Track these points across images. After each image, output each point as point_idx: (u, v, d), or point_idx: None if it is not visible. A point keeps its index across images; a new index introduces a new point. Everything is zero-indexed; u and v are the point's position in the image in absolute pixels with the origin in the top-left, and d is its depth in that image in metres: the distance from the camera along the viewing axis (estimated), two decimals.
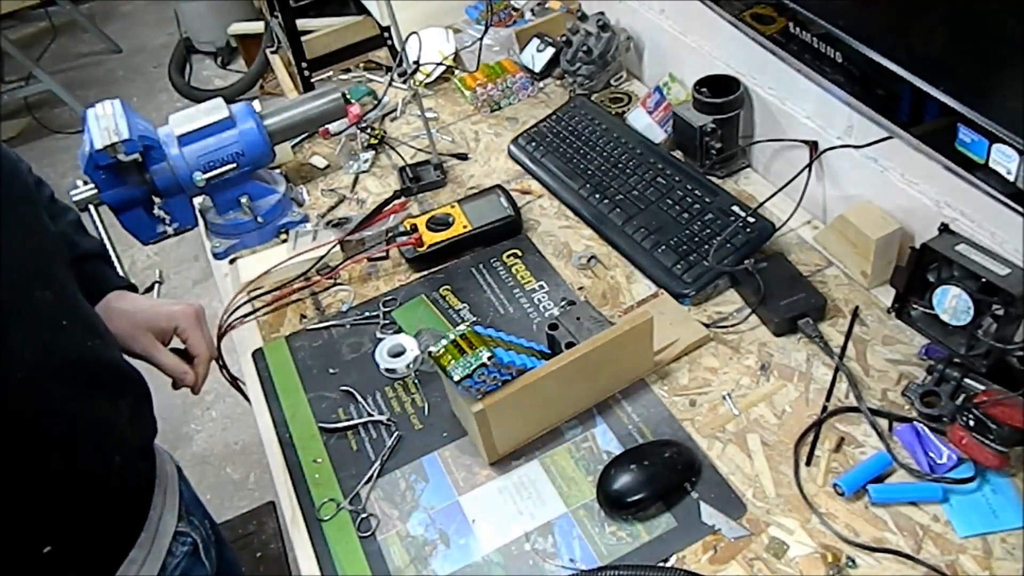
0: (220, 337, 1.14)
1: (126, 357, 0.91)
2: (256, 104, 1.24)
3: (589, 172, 1.26)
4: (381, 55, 1.64)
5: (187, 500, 0.97)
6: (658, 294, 1.10)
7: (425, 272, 1.20)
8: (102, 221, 1.17)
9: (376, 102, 1.51)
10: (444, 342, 0.87)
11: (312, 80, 1.54)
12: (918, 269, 0.93)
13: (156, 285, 2.70)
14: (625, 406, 0.98)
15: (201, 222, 1.27)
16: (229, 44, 3.63)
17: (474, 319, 1.11)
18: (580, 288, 1.13)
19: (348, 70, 1.64)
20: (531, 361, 0.91)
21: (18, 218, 0.76)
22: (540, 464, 0.94)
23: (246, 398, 1.11)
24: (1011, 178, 0.78)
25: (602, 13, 1.44)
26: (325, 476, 0.96)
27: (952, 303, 0.89)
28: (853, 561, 0.80)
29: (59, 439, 0.76)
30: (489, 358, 0.85)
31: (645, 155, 1.25)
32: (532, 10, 1.63)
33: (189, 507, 0.97)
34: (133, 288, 1.05)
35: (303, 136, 1.49)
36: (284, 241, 1.26)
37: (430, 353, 0.87)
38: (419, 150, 1.43)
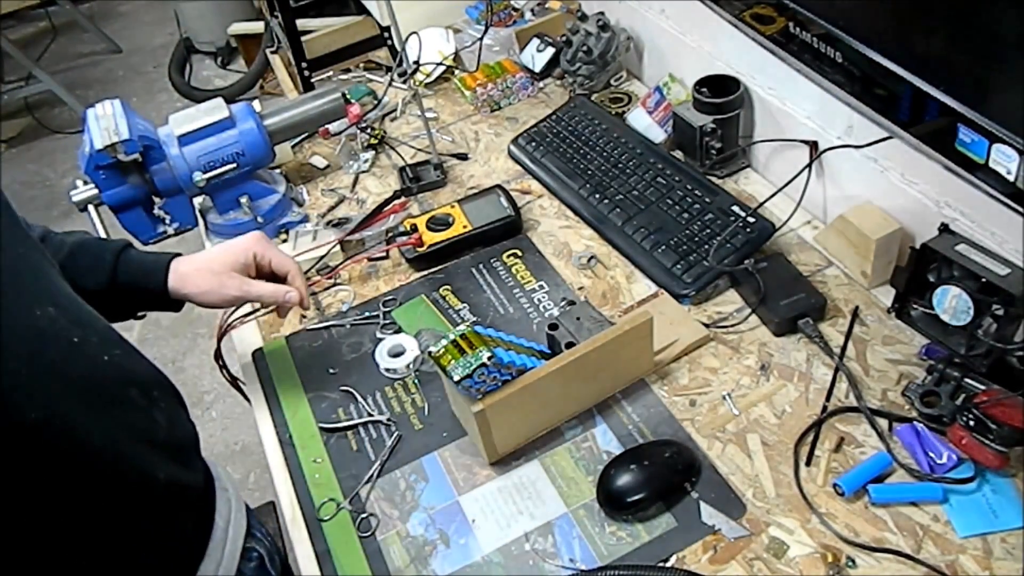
0: (220, 337, 1.14)
1: (155, 365, 0.84)
2: (256, 104, 1.24)
3: (589, 172, 1.26)
4: (381, 55, 1.64)
5: (250, 514, 0.93)
6: (658, 294, 1.10)
7: (425, 272, 1.20)
8: (102, 221, 1.17)
9: (376, 102, 1.51)
10: (444, 342, 0.87)
11: (312, 80, 1.54)
12: (918, 269, 0.93)
13: None
14: (625, 406, 0.98)
15: (201, 222, 1.27)
16: (229, 44, 3.63)
17: (474, 319, 1.11)
18: (580, 288, 1.13)
19: (348, 70, 1.64)
20: (531, 361, 0.91)
21: (7, 233, 0.70)
22: (540, 464, 0.94)
23: (246, 398, 1.11)
24: (1011, 178, 0.78)
25: (602, 13, 1.44)
26: (325, 476, 0.96)
27: (952, 303, 0.89)
28: (853, 561, 0.80)
29: (93, 468, 0.68)
30: (489, 358, 0.85)
31: (645, 155, 1.25)
32: (532, 10, 1.63)
33: (251, 520, 0.92)
34: (178, 255, 0.99)
35: (303, 136, 1.49)
36: (284, 241, 1.26)
37: (430, 353, 0.87)
38: (419, 150, 1.43)
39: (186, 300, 0.96)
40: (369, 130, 1.46)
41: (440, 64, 1.56)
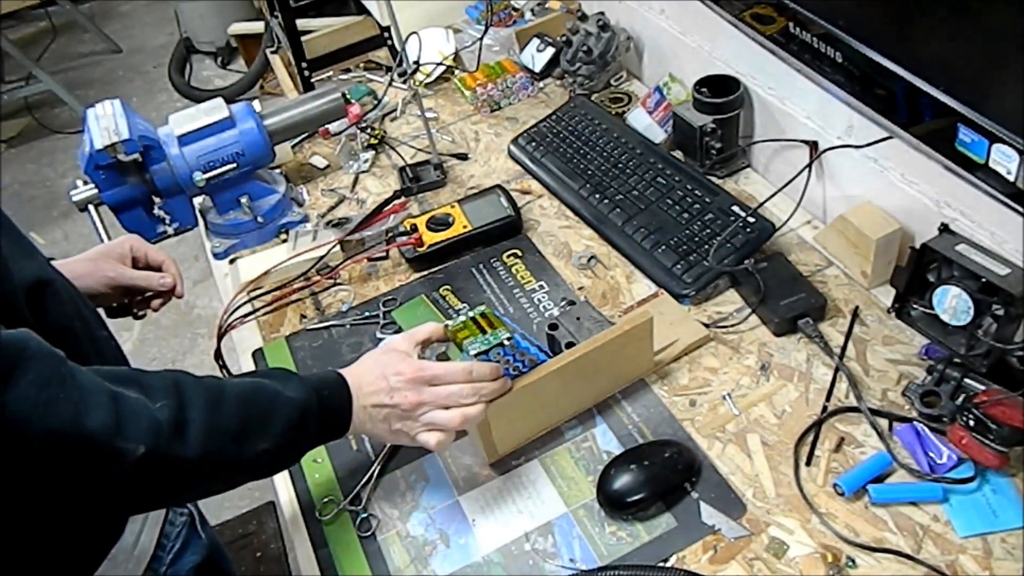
0: (220, 337, 1.14)
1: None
2: (256, 104, 1.24)
3: (589, 172, 1.26)
4: (381, 55, 1.64)
5: None
6: (658, 294, 1.10)
7: (425, 272, 1.20)
8: (102, 221, 1.17)
9: (376, 102, 1.51)
10: (462, 318, 0.86)
11: (312, 80, 1.54)
12: (918, 269, 0.93)
13: None
14: (625, 406, 0.98)
15: (201, 222, 1.27)
16: (229, 44, 3.63)
17: None
18: (580, 288, 1.13)
19: (348, 70, 1.64)
20: (542, 355, 0.91)
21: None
22: (540, 464, 0.94)
23: None
24: (1011, 178, 0.78)
25: (602, 13, 1.44)
26: (325, 476, 0.96)
27: (952, 303, 0.89)
28: (853, 561, 0.80)
29: None
30: (508, 339, 0.84)
31: (645, 155, 1.25)
32: (532, 10, 1.63)
33: None
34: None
35: (303, 136, 1.49)
36: (284, 241, 1.26)
37: (446, 327, 0.86)
38: (419, 150, 1.43)
39: None
40: (369, 130, 1.46)
41: (440, 64, 1.56)
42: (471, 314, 0.86)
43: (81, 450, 0.63)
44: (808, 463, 0.89)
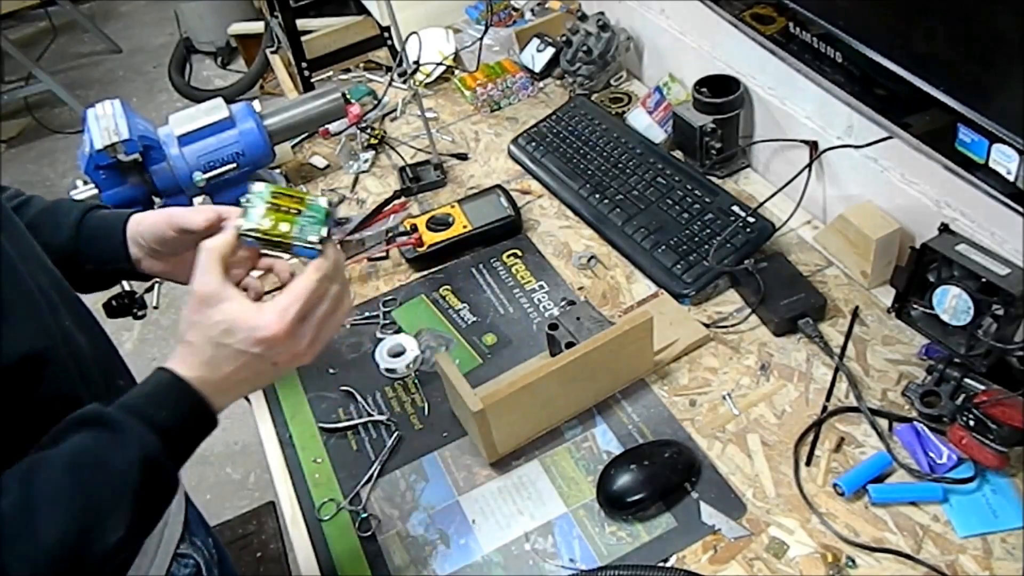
0: None
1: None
2: (256, 104, 1.24)
3: (589, 172, 1.26)
4: (381, 55, 1.64)
5: (191, 520, 0.90)
6: (658, 294, 1.10)
7: (425, 272, 1.20)
8: None
9: (376, 102, 1.51)
10: (258, 207, 0.68)
11: (312, 80, 1.54)
12: (918, 269, 0.93)
13: (156, 285, 2.70)
14: (625, 406, 0.98)
15: None
16: (229, 44, 3.63)
17: (474, 319, 1.11)
18: (580, 288, 1.13)
19: (348, 70, 1.64)
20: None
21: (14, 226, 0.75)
22: (540, 464, 0.94)
23: (246, 398, 1.11)
24: (1011, 178, 0.78)
25: (602, 13, 1.44)
26: (325, 476, 0.96)
27: (952, 303, 0.89)
28: (853, 561, 0.80)
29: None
30: (330, 204, 0.70)
31: (645, 155, 1.25)
32: (532, 10, 1.63)
33: (192, 527, 0.90)
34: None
35: (303, 136, 1.49)
36: None
37: (239, 228, 0.69)
38: (419, 150, 1.43)
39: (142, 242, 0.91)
40: (369, 130, 1.46)
41: (440, 64, 1.56)
42: (265, 197, 0.68)
43: None
44: (808, 463, 0.89)
